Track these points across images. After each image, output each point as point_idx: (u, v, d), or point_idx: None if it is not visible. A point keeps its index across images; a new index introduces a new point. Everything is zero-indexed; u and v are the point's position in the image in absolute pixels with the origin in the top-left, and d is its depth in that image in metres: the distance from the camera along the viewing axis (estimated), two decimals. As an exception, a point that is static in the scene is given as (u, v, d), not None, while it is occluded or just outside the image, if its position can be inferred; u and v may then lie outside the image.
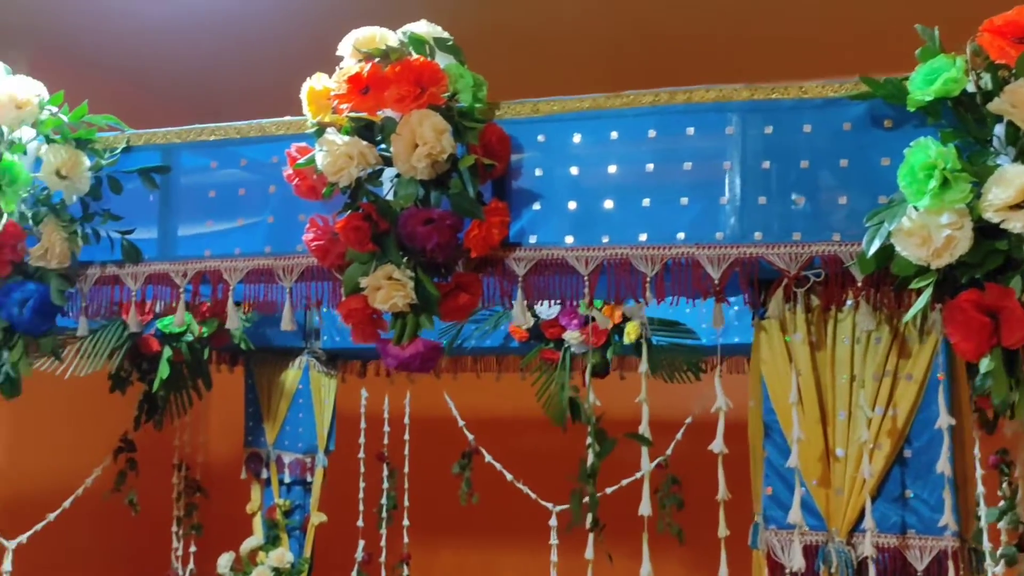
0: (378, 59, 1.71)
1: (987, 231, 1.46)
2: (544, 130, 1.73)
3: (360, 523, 3.75)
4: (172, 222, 1.88)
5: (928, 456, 1.63)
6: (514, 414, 4.76)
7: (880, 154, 1.57)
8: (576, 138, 1.72)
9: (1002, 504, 2.53)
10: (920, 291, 1.50)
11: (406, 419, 3.82)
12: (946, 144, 1.47)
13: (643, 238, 1.67)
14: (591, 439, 1.81)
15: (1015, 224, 1.43)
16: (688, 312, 3.38)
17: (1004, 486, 2.59)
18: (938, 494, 1.62)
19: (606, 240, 1.69)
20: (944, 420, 1.60)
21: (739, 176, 1.64)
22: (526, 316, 1.73)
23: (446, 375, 3.88)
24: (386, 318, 1.74)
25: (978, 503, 2.16)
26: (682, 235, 1.66)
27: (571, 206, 1.71)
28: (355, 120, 1.70)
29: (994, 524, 2.44)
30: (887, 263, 1.52)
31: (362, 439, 3.78)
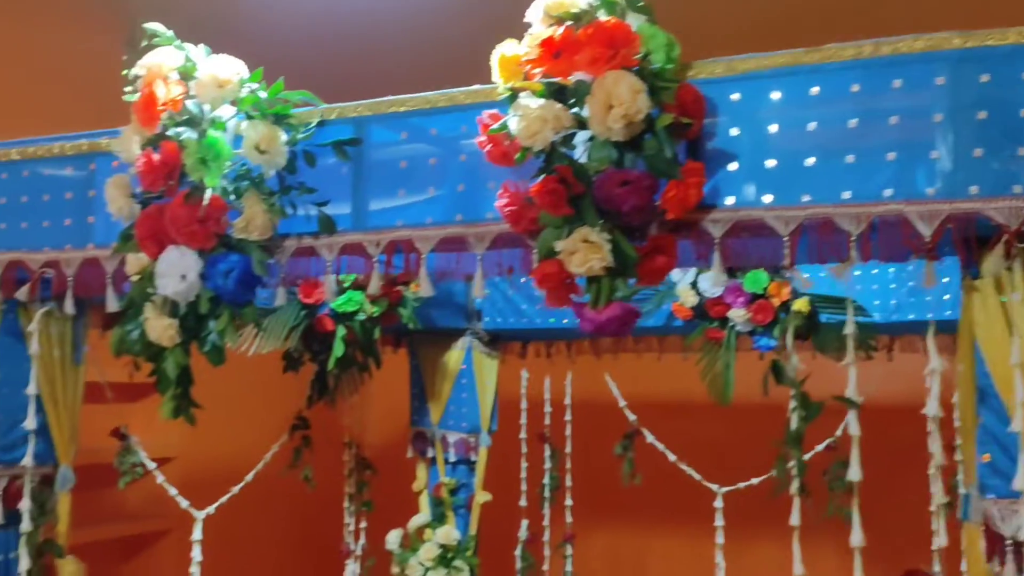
0: (569, 22, 1.71)
1: None
2: (739, 88, 1.69)
3: (523, 502, 3.78)
4: (364, 193, 1.92)
5: None
6: (675, 396, 4.71)
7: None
8: (774, 95, 1.67)
9: None
10: None
11: (567, 400, 3.83)
12: None
13: (846, 196, 1.61)
14: (795, 403, 1.76)
15: None
16: (859, 289, 3.28)
17: None
18: None
19: (807, 199, 1.64)
20: None
21: (952, 128, 1.57)
22: (723, 279, 1.69)
23: (607, 356, 3.87)
24: (579, 283, 1.73)
25: None
26: (889, 191, 1.59)
27: (769, 165, 1.67)
28: (548, 84, 1.70)
29: None
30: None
31: (523, 419, 3.80)
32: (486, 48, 1.78)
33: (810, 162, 1.64)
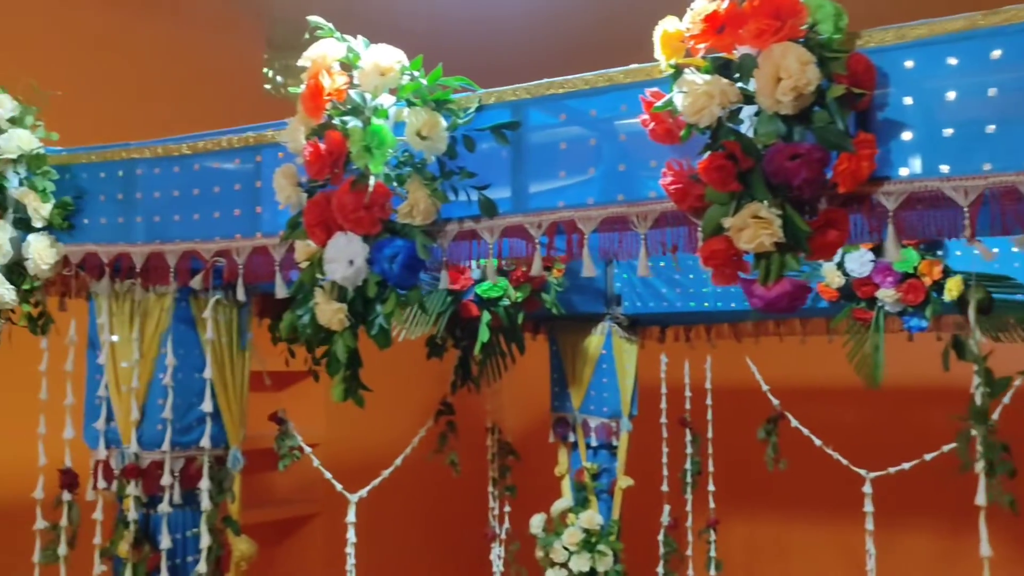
0: (733, -4, 1.68)
1: None
2: (912, 56, 1.64)
3: (664, 488, 3.77)
4: (524, 176, 1.94)
5: None
6: (817, 379, 4.62)
7: None
8: (951, 61, 1.62)
9: None
10: None
11: (707, 384, 3.79)
12: None
13: (1032, 163, 1.55)
14: (979, 378, 1.70)
15: None
16: (1017, 267, 3.16)
17: None
18: None
19: (988, 168, 1.58)
20: None
21: None
22: (899, 253, 1.65)
23: (748, 339, 3.82)
24: (747, 259, 1.71)
25: None
26: (1079, 157, 1.52)
27: (946, 133, 1.61)
28: (712, 59, 1.69)
29: None
30: None
31: (663, 404, 3.79)
32: (633, 29, 1.78)
33: (991, 129, 1.58)
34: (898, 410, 4.83)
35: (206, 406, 2.37)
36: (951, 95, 1.62)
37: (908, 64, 1.65)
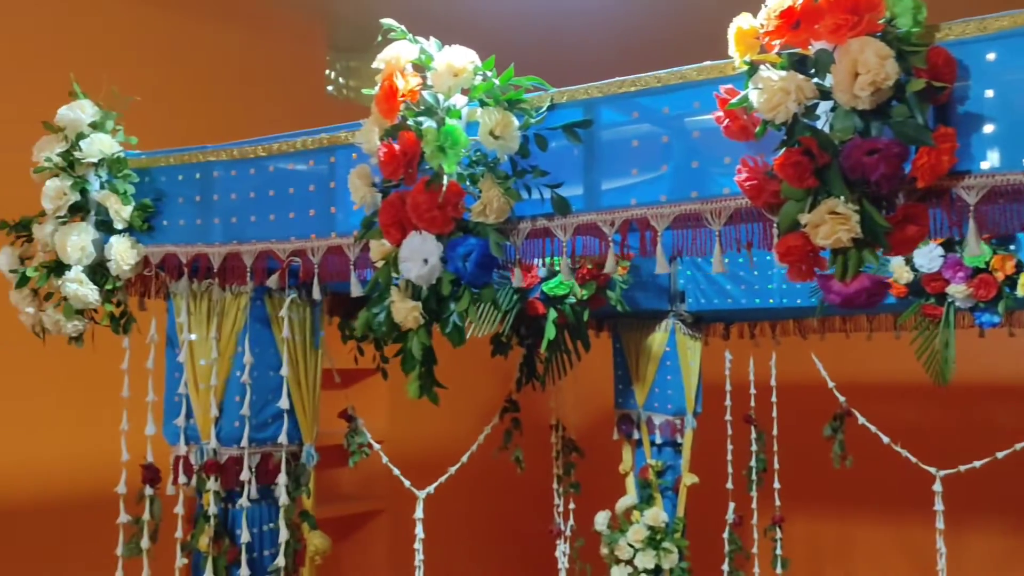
0: (809, -8, 1.68)
1: None
2: (994, 48, 1.62)
3: (730, 485, 3.75)
4: (596, 174, 1.95)
5: None
6: (884, 376, 4.57)
7: None
8: (1035, 52, 1.60)
9: None
10: None
11: (772, 381, 3.77)
12: None
13: (1120, 155, 1.53)
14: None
15: None
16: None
17: None
18: None
19: (1072, 160, 1.56)
20: None
21: None
22: (981, 247, 1.63)
23: (813, 336, 3.79)
24: (823, 255, 1.71)
25: None
26: None
27: (1031, 126, 1.60)
28: (788, 55, 1.69)
29: None
30: None
31: (727, 401, 3.77)
32: (704, 27, 1.78)
33: (1079, 121, 1.56)
34: (967, 408, 4.76)
35: (283, 403, 2.42)
36: (1035, 87, 1.60)
37: (990, 56, 1.63)
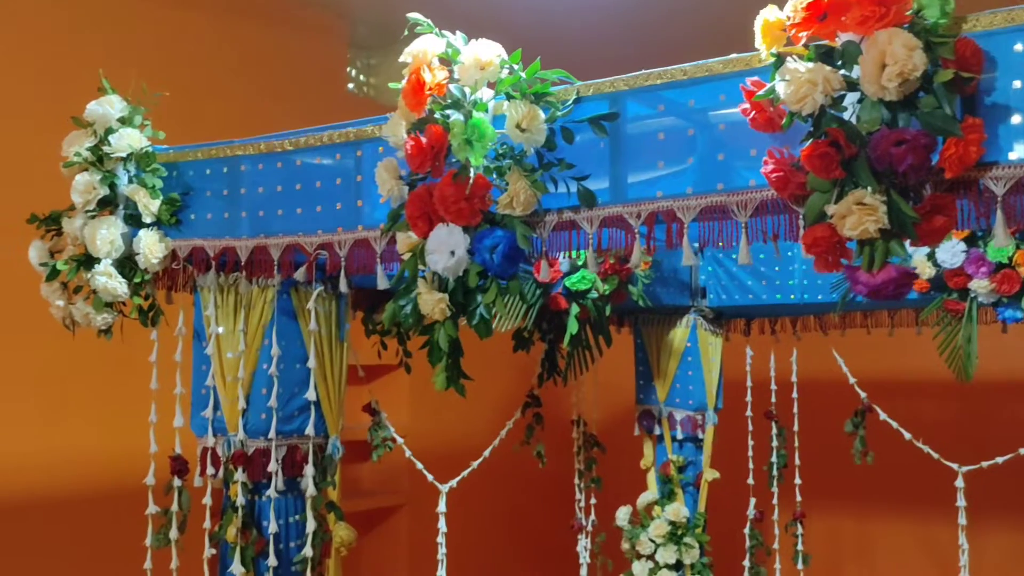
0: (836, -16, 1.68)
1: None
2: (1022, 39, 1.63)
3: (750, 481, 3.75)
4: (622, 167, 1.96)
5: None
6: (905, 372, 4.56)
7: None
8: (1063, 43, 1.60)
9: None
10: None
11: (793, 377, 3.77)
12: None
13: None
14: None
15: None
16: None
17: None
18: None
19: (1101, 151, 1.56)
20: None
21: None
22: (1008, 238, 1.64)
23: (834, 332, 3.79)
24: (850, 246, 1.71)
25: None
26: None
27: (1058, 117, 1.60)
28: (816, 47, 1.69)
29: None
30: None
31: (748, 397, 3.78)
32: (730, 21, 1.79)
33: (1107, 111, 1.57)
34: (990, 404, 4.75)
35: (311, 395, 2.44)
36: (1063, 77, 1.60)
37: (1018, 47, 1.63)
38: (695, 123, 1.90)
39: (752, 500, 3.73)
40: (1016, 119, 1.63)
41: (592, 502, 3.78)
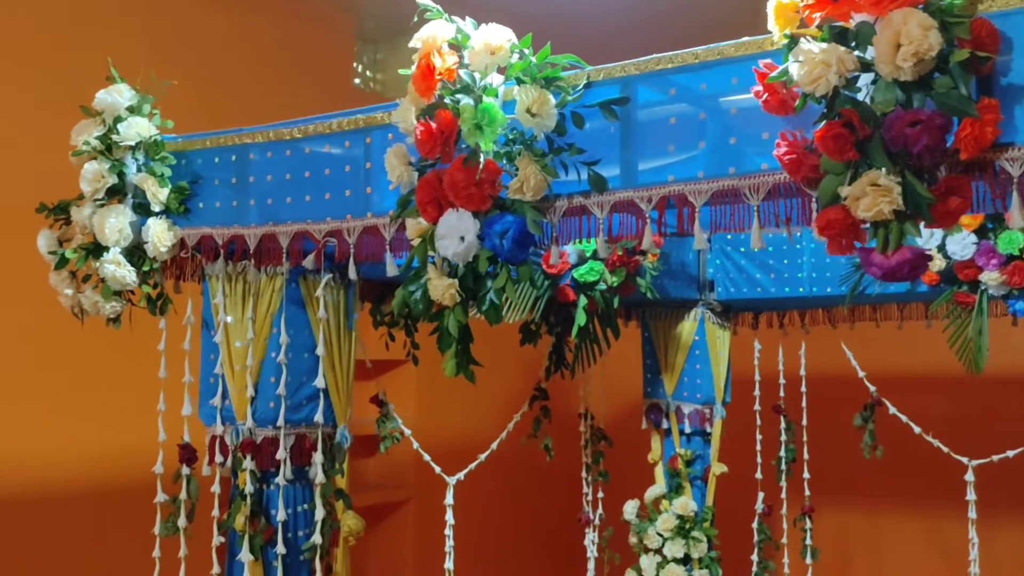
0: (849, -36, 1.67)
1: None
2: (1038, 18, 1.62)
3: (759, 475, 3.74)
4: (633, 152, 1.95)
5: None
6: (914, 366, 4.54)
7: None
8: (1082, 21, 1.59)
9: None
10: None
11: (802, 371, 3.76)
12: None
13: None
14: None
15: None
16: None
17: None
18: None
19: (1118, 132, 1.55)
20: None
21: None
22: (1021, 221, 1.62)
23: (843, 325, 3.77)
24: (864, 228, 1.70)
25: None
26: None
27: (1075, 97, 1.59)
28: (830, 27, 1.68)
29: None
30: None
31: (756, 391, 3.76)
32: (741, 11, 1.78)
33: (1125, 91, 1.55)
34: (999, 398, 4.73)
35: (319, 382, 2.43)
36: (1081, 58, 1.59)
37: (1034, 27, 1.62)
38: (707, 107, 1.89)
39: (760, 494, 3.71)
40: (1032, 100, 1.61)
41: (600, 496, 3.77)
